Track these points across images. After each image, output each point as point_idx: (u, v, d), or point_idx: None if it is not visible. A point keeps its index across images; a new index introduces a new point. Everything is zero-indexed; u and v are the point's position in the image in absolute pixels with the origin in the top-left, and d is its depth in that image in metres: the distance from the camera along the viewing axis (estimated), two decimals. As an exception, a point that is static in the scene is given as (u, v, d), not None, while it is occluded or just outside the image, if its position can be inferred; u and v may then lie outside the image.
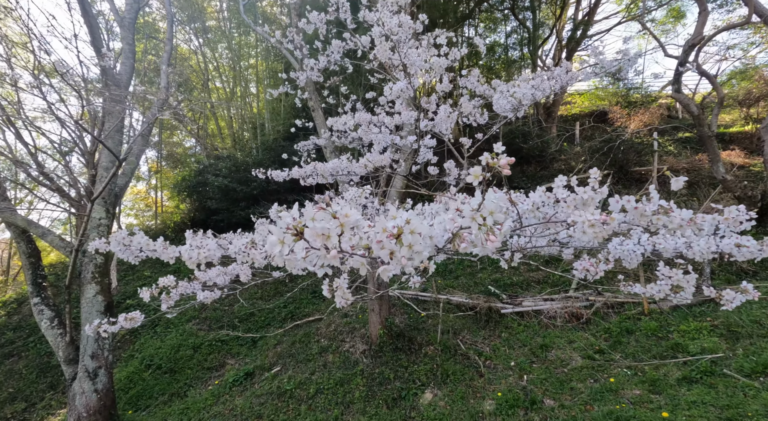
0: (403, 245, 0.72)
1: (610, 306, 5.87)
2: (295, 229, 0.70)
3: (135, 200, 18.38)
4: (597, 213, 0.98)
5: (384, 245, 0.72)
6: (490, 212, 0.70)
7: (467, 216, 0.72)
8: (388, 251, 0.72)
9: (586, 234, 0.96)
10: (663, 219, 0.99)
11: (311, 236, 0.70)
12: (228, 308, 8.32)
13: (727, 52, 13.23)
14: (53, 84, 7.88)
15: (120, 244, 1.35)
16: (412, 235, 0.71)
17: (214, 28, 15.99)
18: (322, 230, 0.69)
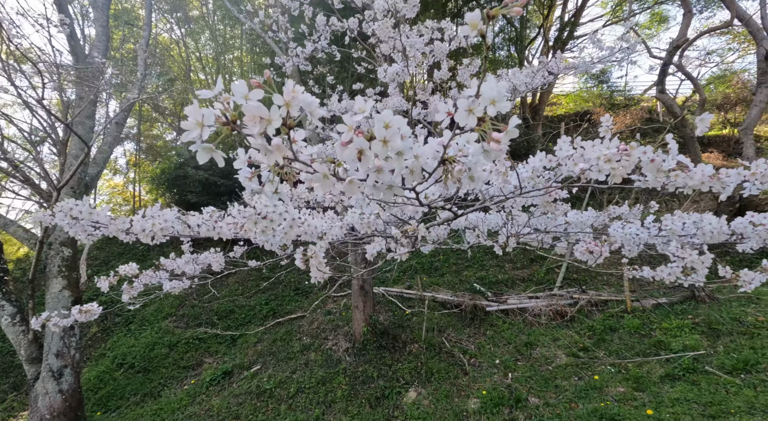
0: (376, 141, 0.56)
1: (594, 304, 5.88)
2: (224, 115, 0.53)
3: (112, 194, 17.77)
4: (614, 145, 0.86)
5: (353, 144, 0.56)
6: (491, 100, 0.54)
7: (462, 110, 0.56)
8: (355, 153, 0.57)
9: (602, 172, 0.84)
10: (682, 176, 0.89)
11: (247, 120, 0.54)
12: (207, 305, 8.05)
13: (707, 56, 13.55)
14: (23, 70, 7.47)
15: (67, 216, 1.19)
16: (387, 129, 0.55)
17: (197, 18, 15.53)
18: (259, 111, 0.52)
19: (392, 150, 0.57)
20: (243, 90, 0.52)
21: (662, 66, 6.97)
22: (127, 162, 16.65)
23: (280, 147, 0.57)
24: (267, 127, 0.54)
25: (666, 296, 5.67)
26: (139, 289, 1.90)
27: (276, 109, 0.53)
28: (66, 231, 1.26)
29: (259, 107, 0.52)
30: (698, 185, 0.92)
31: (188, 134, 0.52)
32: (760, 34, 6.84)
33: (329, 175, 0.62)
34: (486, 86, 0.54)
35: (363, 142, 0.56)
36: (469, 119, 0.56)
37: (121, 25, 12.31)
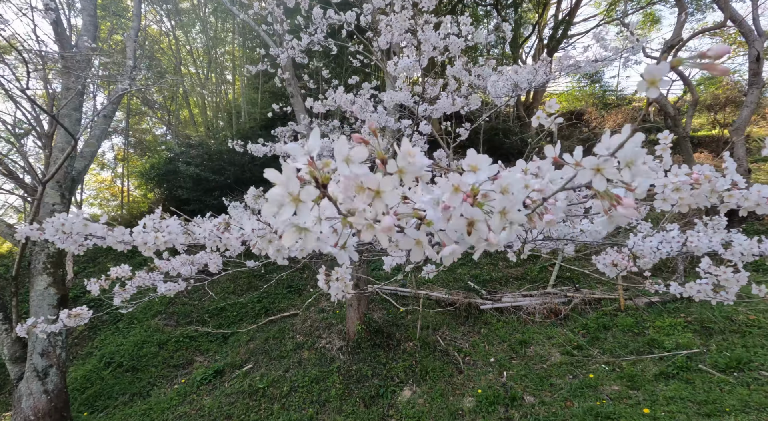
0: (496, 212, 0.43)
1: (587, 302, 5.90)
2: (314, 178, 0.40)
3: (99, 189, 17.40)
4: (682, 173, 0.79)
5: (463, 213, 0.43)
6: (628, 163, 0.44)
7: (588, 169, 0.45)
8: (464, 222, 0.43)
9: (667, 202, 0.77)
10: (736, 196, 0.83)
11: (345, 190, 0.42)
12: (198, 303, 7.92)
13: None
14: (7, 61, 7.24)
15: (58, 231, 1.10)
16: (504, 195, 0.43)
17: (187, 10, 15.24)
18: (368, 181, 0.40)
19: (510, 221, 0.45)
20: (344, 150, 0.39)
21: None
22: (115, 157, 16.31)
23: (391, 229, 0.41)
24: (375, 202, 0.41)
25: (659, 295, 5.72)
26: (132, 291, 1.81)
27: (390, 182, 0.40)
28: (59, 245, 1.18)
29: (369, 177, 0.40)
30: (752, 207, 0.86)
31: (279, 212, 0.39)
32: (752, 35, 6.91)
33: (423, 242, 0.47)
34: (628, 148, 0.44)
35: (477, 214, 0.43)
36: (597, 181, 0.45)
37: (109, 16, 12.01)
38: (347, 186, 0.41)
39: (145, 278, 1.85)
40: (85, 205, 15.45)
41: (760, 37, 6.90)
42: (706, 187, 0.77)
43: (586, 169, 0.46)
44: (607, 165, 0.45)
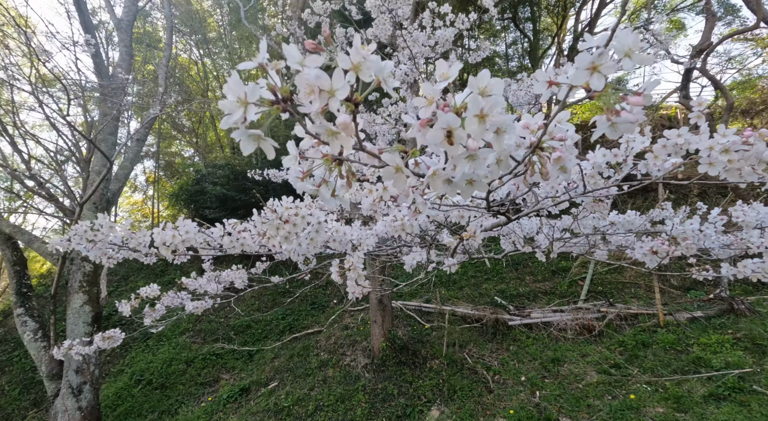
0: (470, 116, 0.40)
1: (623, 318, 5.61)
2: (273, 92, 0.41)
3: (132, 211, 18.17)
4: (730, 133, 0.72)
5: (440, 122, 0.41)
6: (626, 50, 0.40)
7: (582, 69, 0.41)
8: (442, 133, 0.41)
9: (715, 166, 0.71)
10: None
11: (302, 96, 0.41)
12: (224, 320, 8.02)
13: (728, 62, 13.24)
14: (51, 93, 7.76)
15: (83, 239, 1.13)
16: (484, 97, 0.40)
17: (215, 39, 16.02)
18: (318, 81, 0.40)
19: (492, 126, 0.42)
20: (297, 55, 0.40)
21: (685, 71, 6.79)
22: (146, 179, 17.04)
23: (348, 126, 0.41)
24: (330, 101, 0.41)
25: (701, 309, 5.38)
26: (161, 312, 1.84)
27: (341, 76, 0.40)
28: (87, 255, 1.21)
29: (319, 75, 0.40)
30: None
31: (229, 118, 0.40)
32: (787, 36, 6.62)
33: (403, 168, 0.47)
34: (623, 33, 0.41)
35: (453, 120, 0.40)
36: (595, 79, 0.42)
37: (143, 48, 12.75)
38: (304, 89, 0.41)
39: (173, 297, 1.87)
40: (118, 226, 16.09)
41: (796, 37, 6.59)
42: (761, 147, 0.69)
43: (581, 69, 0.42)
44: (602, 59, 0.40)
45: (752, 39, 11.60)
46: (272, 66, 0.42)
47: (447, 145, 0.42)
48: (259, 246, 1.14)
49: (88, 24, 4.79)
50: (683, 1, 12.90)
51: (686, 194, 8.59)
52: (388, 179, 0.48)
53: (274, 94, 0.41)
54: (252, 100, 0.40)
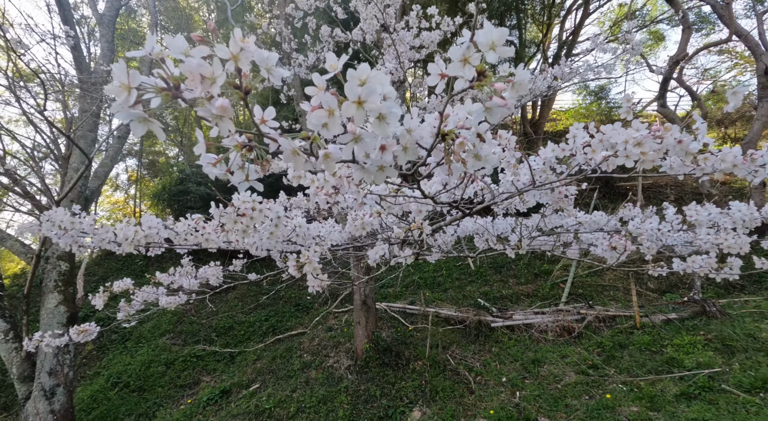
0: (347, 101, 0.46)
1: (602, 320, 5.74)
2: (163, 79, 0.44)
3: (112, 210, 17.75)
4: (643, 128, 0.79)
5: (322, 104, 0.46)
6: (490, 44, 0.45)
7: (455, 61, 0.46)
8: (324, 116, 0.46)
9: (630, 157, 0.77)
10: (712, 159, 0.82)
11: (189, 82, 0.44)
12: (205, 321, 7.89)
13: (705, 73, 13.71)
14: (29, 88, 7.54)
15: (55, 226, 1.12)
16: (363, 86, 0.45)
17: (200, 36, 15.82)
18: (199, 68, 0.43)
19: (370, 112, 0.46)
20: (181, 45, 0.44)
21: (663, 81, 7.01)
22: (128, 178, 16.69)
23: (225, 109, 0.45)
24: (212, 87, 0.44)
25: (675, 312, 5.54)
26: (137, 306, 1.81)
27: (219, 64, 0.44)
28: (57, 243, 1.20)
29: (200, 64, 0.43)
30: (729, 168, 0.85)
31: (116, 105, 0.43)
32: (758, 49, 6.91)
33: (299, 152, 0.51)
34: (482, 31, 0.45)
35: (332, 102, 0.45)
36: (466, 70, 0.47)
37: (127, 44, 12.52)
38: (188, 77, 0.44)
39: (150, 292, 1.85)
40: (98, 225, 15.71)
41: (767, 51, 6.89)
42: (670, 141, 0.76)
43: (455, 61, 0.46)
44: (469, 52, 0.45)
45: (726, 51, 12.05)
46: (156, 55, 0.46)
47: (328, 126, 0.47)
48: (224, 241, 1.15)
49: (69, 18, 4.69)
50: (663, 13, 13.33)
51: (663, 199, 8.84)
52: (288, 161, 0.52)
53: (165, 82, 0.44)
54: (134, 85, 0.42)
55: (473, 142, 0.53)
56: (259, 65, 0.47)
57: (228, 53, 0.44)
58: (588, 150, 0.92)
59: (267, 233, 0.99)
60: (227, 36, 1.80)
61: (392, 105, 0.48)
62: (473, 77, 0.47)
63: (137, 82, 0.42)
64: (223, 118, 0.46)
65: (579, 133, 0.99)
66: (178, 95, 0.44)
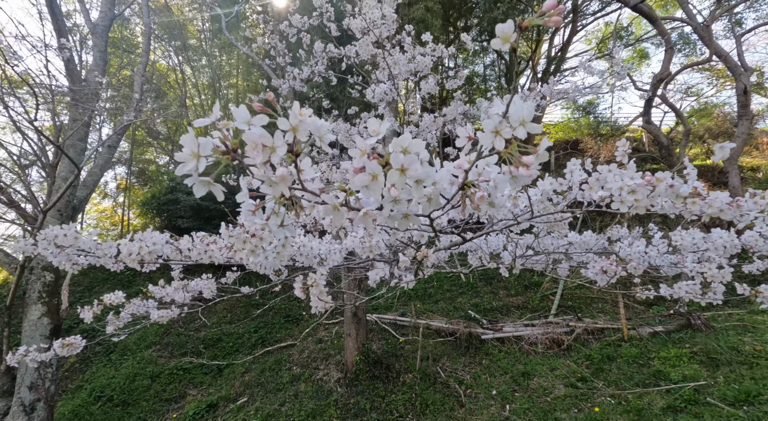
0: (392, 169, 0.49)
1: (590, 332, 5.79)
2: (224, 144, 0.48)
3: (100, 218, 17.45)
4: (638, 176, 0.84)
5: (366, 169, 0.50)
6: (521, 121, 0.49)
7: (488, 132, 0.50)
8: (368, 179, 0.50)
9: (624, 203, 0.81)
10: (699, 204, 0.87)
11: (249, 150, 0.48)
12: (193, 333, 7.76)
13: (688, 90, 14.14)
14: (19, 95, 7.46)
15: (51, 244, 1.12)
16: (404, 154, 0.49)
17: (195, 46, 15.86)
18: (261, 138, 0.47)
19: (411, 178, 0.51)
20: (245, 115, 0.48)
21: (647, 98, 7.23)
22: (117, 186, 16.48)
23: (285, 178, 0.50)
24: (271, 156, 0.48)
25: (662, 324, 5.62)
26: (126, 319, 1.80)
27: (281, 136, 0.48)
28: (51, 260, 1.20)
29: (263, 134, 0.47)
30: (716, 213, 0.90)
31: (183, 167, 0.47)
32: (737, 69, 7.17)
33: (339, 207, 0.56)
34: (515, 106, 0.50)
35: (377, 168, 0.50)
36: (497, 141, 0.51)
37: (120, 53, 12.49)
38: (250, 145, 0.48)
39: (140, 305, 1.83)
40: (85, 234, 15.43)
41: (746, 71, 7.16)
42: (662, 188, 0.80)
43: (487, 132, 0.51)
44: (501, 126, 0.50)
45: (708, 70, 12.45)
46: (222, 125, 0.49)
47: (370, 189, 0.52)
48: (226, 259, 1.16)
49: (62, 27, 4.69)
50: (646, 33, 13.76)
51: (648, 216, 9.02)
52: (327, 216, 0.56)
53: (225, 146, 0.48)
54: (204, 154, 0.46)
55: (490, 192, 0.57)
56: (313, 134, 0.51)
57: (288, 125, 0.48)
58: (585, 187, 0.96)
59: (274, 254, 1.01)
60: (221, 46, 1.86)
61: (430, 170, 0.52)
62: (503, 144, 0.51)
63: (207, 151, 0.46)
64: (280, 184, 0.51)
65: (576, 170, 1.04)
66: (237, 158, 0.48)
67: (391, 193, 0.50)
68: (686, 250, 1.40)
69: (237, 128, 0.48)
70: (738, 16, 10.97)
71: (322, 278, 1.06)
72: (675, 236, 1.46)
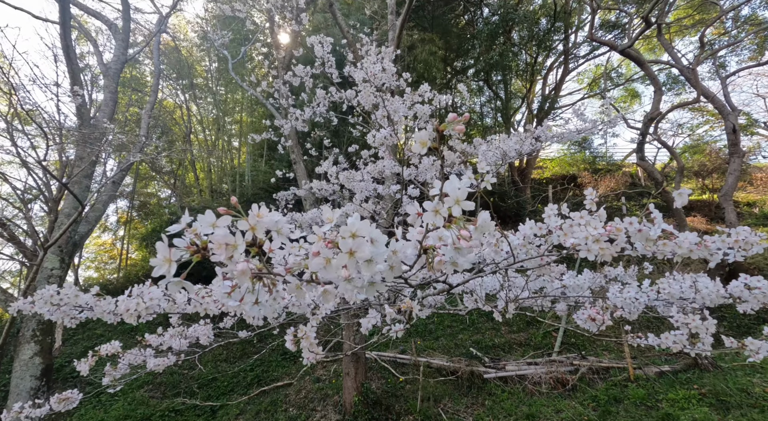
0: (341, 252, 0.56)
1: (595, 371, 5.64)
2: (194, 244, 0.56)
3: (98, 252, 17.37)
4: (599, 226, 0.88)
5: (321, 254, 0.57)
6: (455, 200, 0.56)
7: (429, 212, 0.57)
8: (323, 262, 0.57)
9: (591, 252, 0.86)
10: (670, 244, 0.90)
11: (215, 248, 0.55)
12: (187, 372, 7.54)
13: (679, 128, 14.54)
14: (26, 130, 7.68)
15: (47, 303, 1.14)
16: (353, 238, 0.56)
17: (201, 85, 16.45)
18: (224, 239, 0.54)
19: (361, 259, 0.57)
20: (210, 219, 0.55)
21: (640, 136, 7.44)
22: (118, 220, 16.52)
23: (245, 271, 0.56)
24: (234, 252, 0.55)
25: (668, 364, 5.49)
26: (123, 370, 1.78)
27: (240, 236, 0.55)
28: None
29: (225, 235, 0.54)
30: (686, 253, 0.95)
31: (158, 269, 0.54)
32: (725, 110, 7.42)
33: (302, 287, 0.64)
34: (450, 185, 0.57)
35: (328, 253, 0.57)
36: (437, 219, 0.58)
37: (129, 91, 12.94)
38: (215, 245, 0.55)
39: (136, 354, 1.82)
40: (82, 268, 15.33)
41: (734, 111, 7.41)
42: (632, 229, 0.85)
43: (429, 212, 0.58)
44: (438, 206, 0.57)
45: (697, 109, 12.86)
46: (191, 231, 0.58)
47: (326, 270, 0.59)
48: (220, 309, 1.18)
49: (75, 71, 4.91)
50: (636, 73, 14.32)
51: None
52: (290, 293, 0.64)
53: (195, 245, 0.56)
54: (175, 258, 0.55)
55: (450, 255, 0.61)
56: (270, 228, 0.59)
57: (247, 225, 0.56)
58: (560, 233, 1.00)
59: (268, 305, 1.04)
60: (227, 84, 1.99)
61: (379, 250, 0.58)
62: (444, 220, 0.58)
63: (177, 256, 0.54)
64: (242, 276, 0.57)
65: (552, 215, 1.08)
66: (206, 255, 0.56)
67: (342, 274, 0.57)
68: (673, 297, 1.42)
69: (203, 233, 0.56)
70: (721, 59, 11.50)
71: (311, 331, 1.07)
72: (662, 283, 1.48)
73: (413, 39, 12.38)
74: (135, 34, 12.01)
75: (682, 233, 0.95)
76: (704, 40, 8.21)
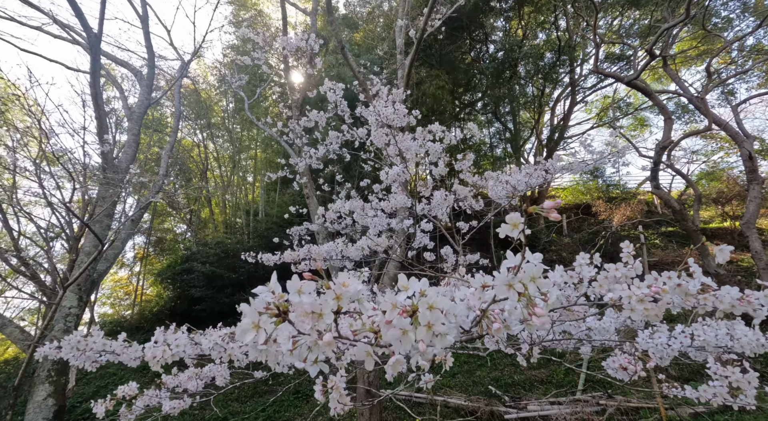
0: (420, 325, 0.55)
1: (624, 412, 5.31)
2: (277, 307, 0.54)
3: (114, 288, 17.54)
4: (644, 286, 0.85)
5: (395, 324, 0.55)
6: (531, 277, 0.55)
7: (500, 285, 0.56)
8: (399, 333, 0.55)
9: (635, 312, 0.82)
10: (711, 299, 0.87)
11: (298, 315, 0.54)
12: (198, 412, 7.35)
13: (693, 156, 14.41)
14: (52, 172, 8.02)
15: (74, 348, 1.15)
16: (430, 311, 0.55)
17: (218, 123, 17.13)
18: (311, 307, 0.53)
19: (437, 333, 0.56)
20: (296, 285, 0.55)
21: (653, 165, 7.39)
22: (134, 256, 16.77)
23: (331, 344, 0.56)
24: (319, 322, 0.55)
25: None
26: (138, 412, 1.76)
27: (329, 305, 0.55)
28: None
29: (313, 304, 0.54)
30: (728, 308, 0.90)
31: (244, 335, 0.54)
32: (738, 137, 7.36)
33: (371, 354, 0.62)
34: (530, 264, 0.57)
35: (405, 324, 0.55)
36: (510, 294, 0.57)
37: (150, 132, 13.52)
38: (298, 311, 0.55)
39: (153, 396, 1.80)
40: (98, 304, 15.44)
41: (747, 138, 7.34)
42: (667, 299, 0.82)
43: (500, 285, 0.57)
44: (514, 280, 0.56)
45: (711, 137, 12.78)
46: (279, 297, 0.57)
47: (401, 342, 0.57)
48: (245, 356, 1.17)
49: (102, 117, 5.18)
50: (644, 102, 14.43)
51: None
52: (360, 358, 0.62)
53: (278, 310, 0.55)
54: (264, 326, 0.54)
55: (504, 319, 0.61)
56: (352, 298, 0.59)
57: (334, 295, 0.56)
58: (595, 284, 0.99)
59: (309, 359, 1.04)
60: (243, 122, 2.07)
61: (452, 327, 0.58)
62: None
63: (267, 324, 0.54)
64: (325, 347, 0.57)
65: (584, 265, 1.07)
66: (288, 320, 0.56)
67: (420, 347, 0.55)
68: (709, 344, 1.36)
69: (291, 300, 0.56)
70: (730, 86, 11.54)
71: (341, 381, 1.06)
72: (697, 330, 1.42)
73: (421, 75, 12.80)
74: (158, 79, 12.70)
75: (723, 286, 0.91)
76: (711, 70, 8.29)
